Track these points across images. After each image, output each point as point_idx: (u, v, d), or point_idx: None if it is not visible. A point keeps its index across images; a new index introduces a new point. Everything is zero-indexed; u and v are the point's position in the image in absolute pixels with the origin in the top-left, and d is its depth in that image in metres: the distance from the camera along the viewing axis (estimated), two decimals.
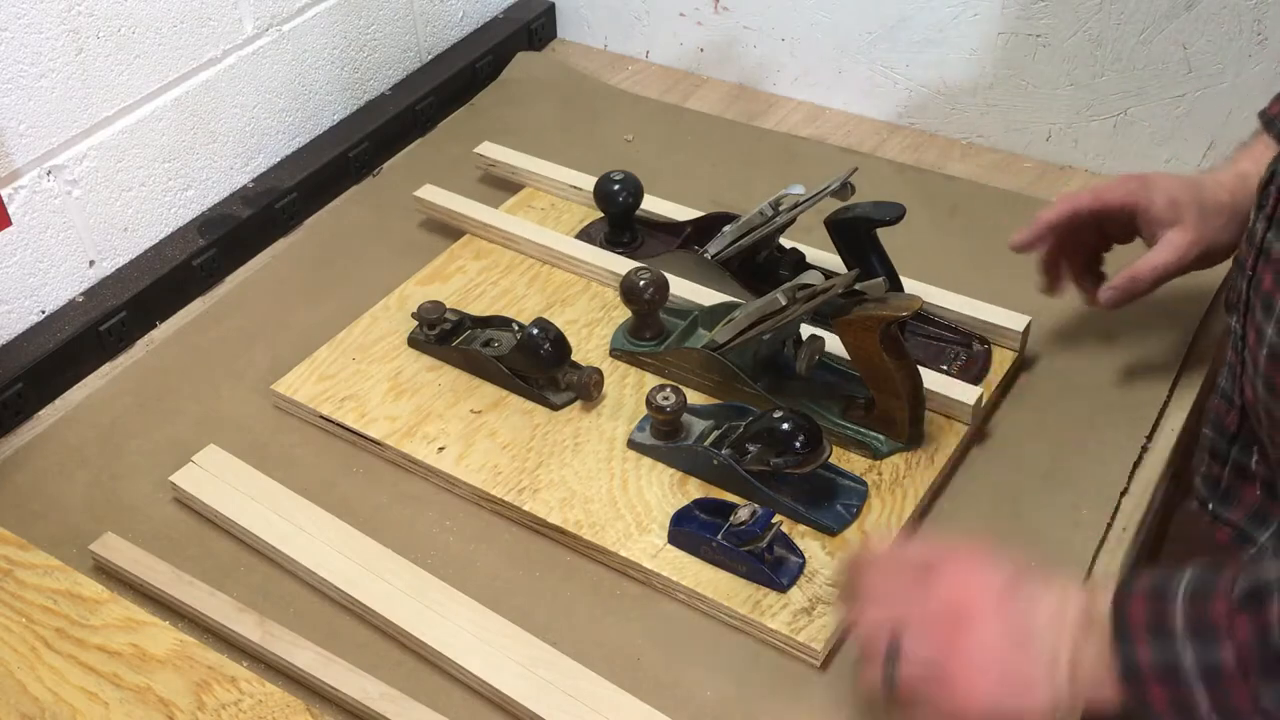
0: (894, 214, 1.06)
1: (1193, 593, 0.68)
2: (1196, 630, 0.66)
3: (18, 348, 1.15)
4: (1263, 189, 0.81)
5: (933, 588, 0.77)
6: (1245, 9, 1.22)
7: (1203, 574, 0.69)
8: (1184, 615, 0.67)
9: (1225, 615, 0.65)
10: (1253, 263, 0.81)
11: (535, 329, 1.08)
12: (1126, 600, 0.70)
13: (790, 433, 0.96)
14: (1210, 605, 0.66)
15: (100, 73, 1.16)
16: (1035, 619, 0.73)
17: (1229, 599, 0.66)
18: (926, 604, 0.76)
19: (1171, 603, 0.68)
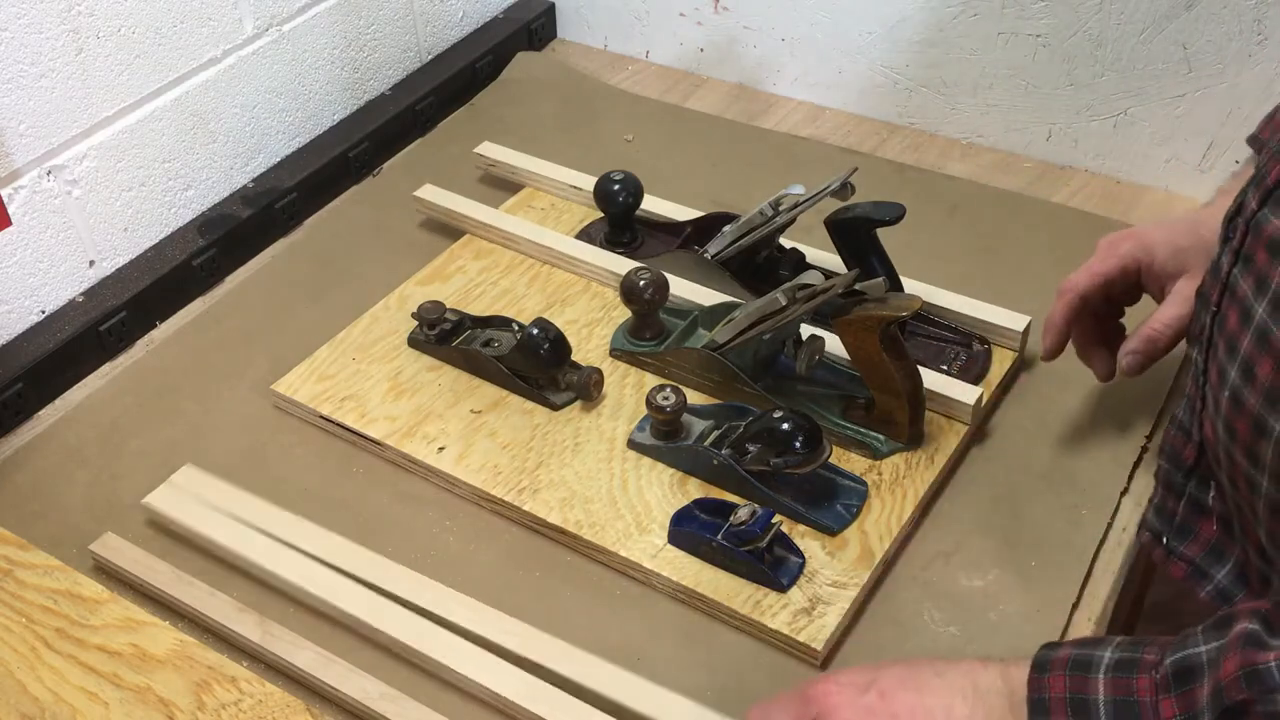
0: (894, 214, 1.06)
1: (1116, 665, 0.66)
2: (1119, 709, 0.65)
3: (18, 348, 1.15)
4: (1229, 221, 0.77)
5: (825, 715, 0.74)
6: (1245, 9, 1.22)
7: (1126, 645, 0.68)
8: (1106, 690, 0.66)
9: (1150, 694, 0.64)
10: (1217, 298, 0.77)
11: (535, 329, 1.08)
12: (1045, 672, 0.69)
13: (790, 433, 0.96)
14: (1134, 682, 0.65)
15: (100, 73, 1.16)
16: (936, 706, 0.71)
17: (1152, 677, 0.65)
18: None
19: (1093, 677, 0.66)
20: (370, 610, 0.92)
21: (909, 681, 0.73)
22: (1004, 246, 1.28)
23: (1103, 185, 1.37)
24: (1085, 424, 1.08)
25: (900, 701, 0.72)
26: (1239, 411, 0.72)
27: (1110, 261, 0.97)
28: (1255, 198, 0.74)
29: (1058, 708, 0.67)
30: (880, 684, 0.73)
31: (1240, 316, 0.73)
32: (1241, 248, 0.74)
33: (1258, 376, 0.70)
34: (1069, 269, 1.23)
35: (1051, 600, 0.93)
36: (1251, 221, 0.73)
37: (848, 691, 0.74)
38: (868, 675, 0.75)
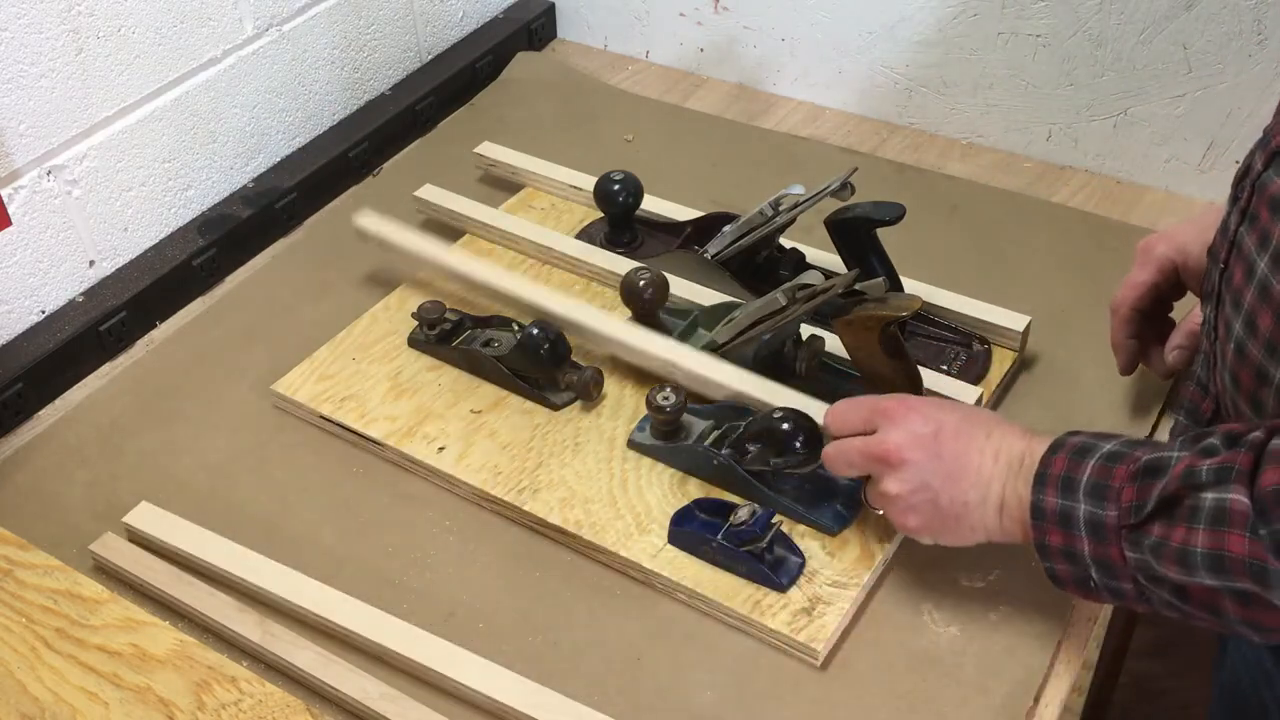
0: (894, 214, 1.06)
1: (1108, 455, 0.78)
2: (1095, 488, 0.77)
3: (18, 348, 1.15)
4: (1237, 182, 0.82)
5: (872, 437, 0.88)
6: (1245, 9, 1.22)
7: (1125, 443, 0.78)
8: (1091, 473, 0.77)
9: (1121, 482, 0.76)
10: (1225, 255, 0.81)
11: (535, 329, 1.08)
12: (1055, 452, 0.80)
13: (790, 433, 0.96)
14: (1114, 470, 0.76)
15: (100, 73, 1.16)
16: (968, 460, 0.84)
17: (1130, 469, 0.76)
18: (866, 452, 0.88)
19: (1087, 461, 0.78)
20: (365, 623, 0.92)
21: (963, 433, 0.86)
22: (1004, 246, 1.28)
23: (1103, 185, 1.37)
24: (1085, 424, 1.07)
25: (948, 447, 0.85)
26: (1243, 362, 0.77)
27: (1149, 269, 1.02)
28: (1261, 159, 0.78)
29: (1052, 483, 0.79)
30: (941, 425, 0.86)
31: (1245, 272, 0.77)
32: (1248, 207, 0.78)
33: (1259, 328, 0.75)
34: (1069, 269, 1.24)
35: (1051, 600, 0.93)
36: (1257, 182, 0.77)
37: (913, 419, 0.87)
38: (935, 415, 0.87)
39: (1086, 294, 1.21)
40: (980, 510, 0.84)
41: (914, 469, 0.86)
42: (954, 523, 0.86)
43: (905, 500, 0.87)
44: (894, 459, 0.86)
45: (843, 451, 0.91)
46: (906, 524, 0.88)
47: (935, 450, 0.85)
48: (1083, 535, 0.77)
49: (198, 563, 0.97)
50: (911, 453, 0.86)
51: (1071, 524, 0.78)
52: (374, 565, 0.99)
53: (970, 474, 0.84)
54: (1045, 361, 1.14)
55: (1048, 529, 0.79)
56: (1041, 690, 0.89)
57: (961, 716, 0.87)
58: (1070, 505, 0.78)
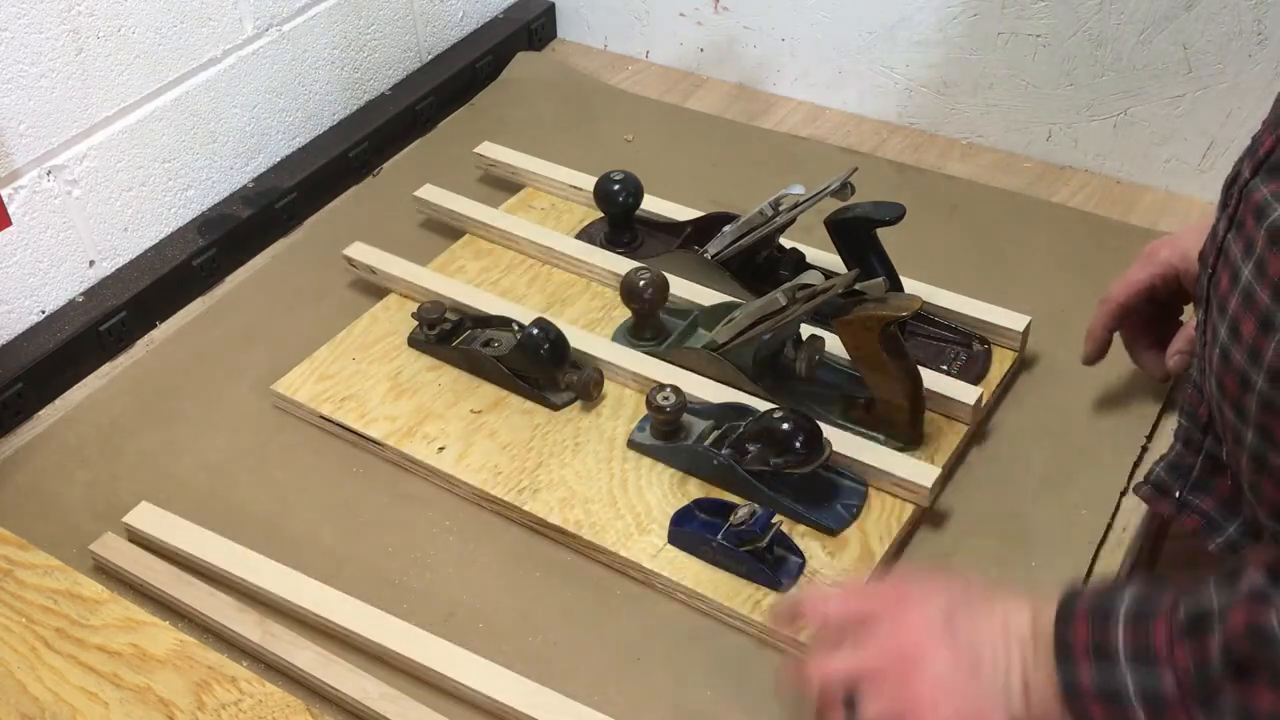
0: (894, 214, 1.06)
1: (1135, 615, 0.69)
2: (1137, 655, 0.67)
3: (18, 348, 1.15)
4: (1227, 188, 0.81)
5: (876, 635, 0.76)
6: (1245, 9, 1.22)
7: (1144, 594, 0.70)
8: (1125, 638, 0.68)
9: (1166, 642, 0.67)
10: (1213, 261, 0.80)
11: (535, 329, 1.08)
12: (1069, 620, 0.71)
13: (790, 433, 0.96)
14: (1152, 629, 0.67)
15: (100, 73, 1.16)
16: (982, 645, 0.73)
17: (1170, 624, 0.67)
18: (872, 654, 0.76)
19: (1114, 625, 0.69)
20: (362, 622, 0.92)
21: (924, 650, 0.74)
22: (1004, 246, 1.28)
23: (1103, 185, 1.37)
24: (1085, 424, 1.08)
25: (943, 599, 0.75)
26: (1227, 367, 0.75)
27: (1147, 269, 1.00)
28: (1249, 166, 0.77)
29: (1081, 655, 0.69)
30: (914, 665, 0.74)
31: (1230, 278, 0.75)
32: (1235, 214, 0.77)
33: (1243, 334, 0.73)
34: (1069, 269, 1.24)
35: (1051, 601, 0.93)
36: (1244, 189, 0.76)
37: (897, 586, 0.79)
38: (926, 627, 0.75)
39: (1086, 294, 1.20)
40: (1003, 701, 0.72)
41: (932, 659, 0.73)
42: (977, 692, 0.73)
43: (921, 703, 0.73)
44: (911, 652, 0.74)
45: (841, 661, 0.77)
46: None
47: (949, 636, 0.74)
48: (1138, 709, 0.66)
49: (198, 562, 0.97)
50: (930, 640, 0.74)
51: (1120, 698, 0.67)
52: (374, 565, 0.99)
53: (987, 659, 0.73)
54: (1045, 361, 1.14)
55: (1090, 709, 0.68)
56: None
57: None
58: (1112, 677, 0.67)
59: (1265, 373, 0.71)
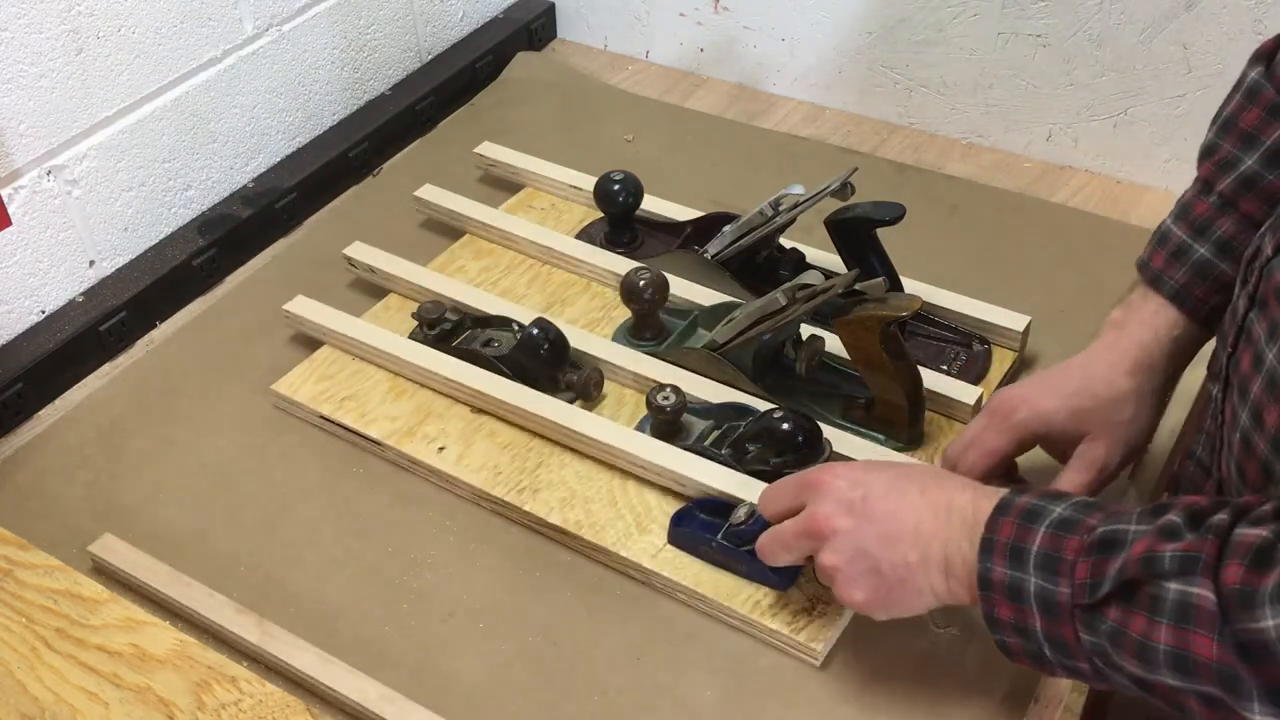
0: (894, 214, 1.06)
1: (1058, 523, 0.71)
2: (1046, 562, 0.71)
3: (18, 348, 1.15)
4: (1246, 264, 0.78)
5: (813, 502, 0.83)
6: (1245, 9, 1.22)
7: (1077, 508, 0.72)
8: (1041, 542, 0.71)
9: (1074, 555, 0.70)
10: (1233, 340, 0.78)
11: (535, 329, 1.08)
12: (1002, 515, 0.74)
13: (790, 433, 0.96)
14: (1066, 541, 0.70)
15: (100, 73, 1.16)
16: (906, 517, 0.78)
17: (1083, 540, 0.70)
18: (798, 529, 0.83)
19: (1037, 528, 0.72)
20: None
21: (893, 491, 0.80)
22: (1004, 246, 1.28)
23: (1103, 185, 1.37)
24: None
25: (879, 508, 0.79)
26: (1249, 455, 0.73)
27: (1005, 436, 0.93)
28: (1271, 243, 0.74)
29: (1000, 550, 0.73)
30: (869, 488, 0.80)
31: (1253, 360, 0.73)
32: (1255, 292, 0.75)
33: (1266, 423, 0.71)
34: (1069, 269, 1.24)
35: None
36: (1266, 267, 0.74)
37: (839, 484, 0.81)
38: (860, 477, 0.81)
39: (1086, 294, 1.21)
40: (924, 570, 0.78)
41: (846, 537, 0.80)
42: (899, 588, 0.79)
43: (844, 571, 0.80)
44: (824, 530, 0.81)
45: (775, 537, 0.86)
46: (853, 598, 0.81)
47: (865, 513, 0.80)
48: (1034, 611, 0.71)
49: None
50: (841, 520, 0.80)
51: (1022, 598, 0.72)
52: (374, 565, 0.99)
53: (908, 533, 0.78)
54: (1045, 361, 1.14)
55: (996, 601, 0.73)
56: (1041, 689, 0.89)
57: (962, 716, 0.87)
58: (1020, 577, 0.72)
59: None
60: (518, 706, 0.89)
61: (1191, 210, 0.90)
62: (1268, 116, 0.86)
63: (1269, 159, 0.86)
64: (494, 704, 0.89)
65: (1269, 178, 0.85)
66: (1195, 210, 0.90)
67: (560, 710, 0.88)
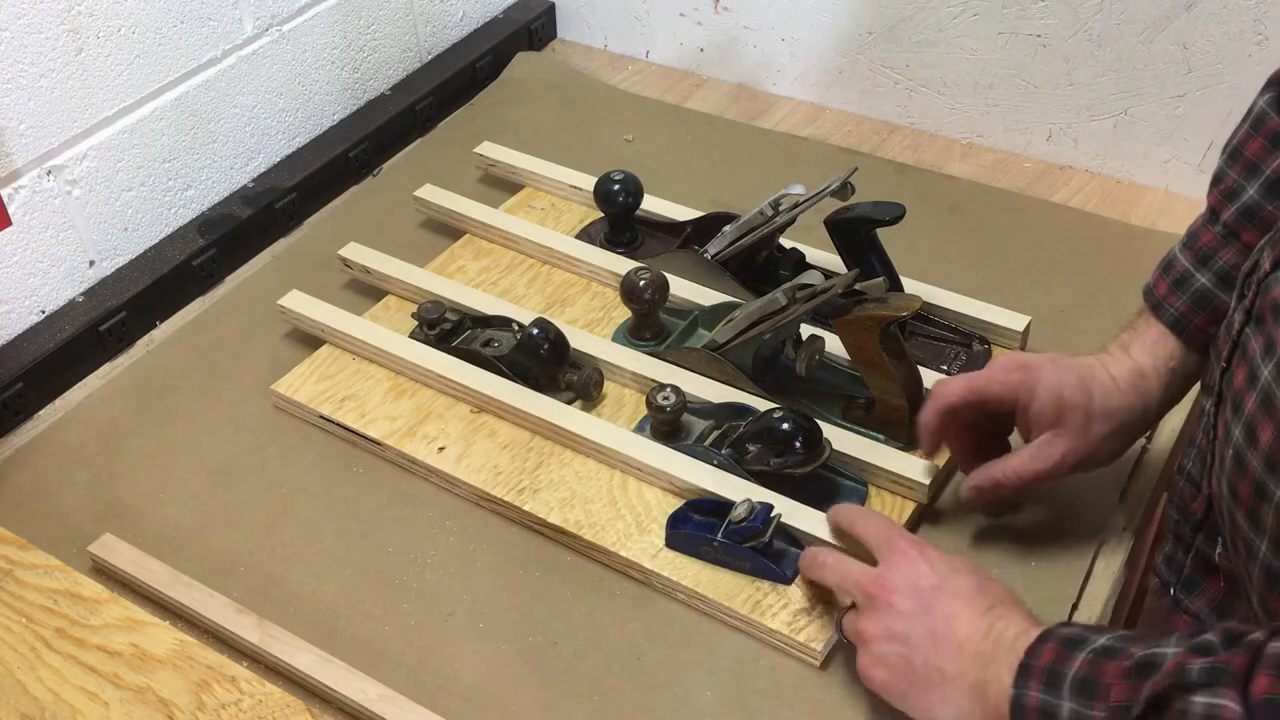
0: (894, 214, 1.06)
1: (1101, 650, 0.70)
2: (1082, 687, 0.69)
3: (18, 348, 1.15)
4: (1244, 278, 0.77)
5: (890, 565, 0.82)
6: (1245, 9, 1.22)
7: (1120, 638, 0.70)
8: (1081, 667, 0.69)
9: (1111, 680, 0.68)
10: (1227, 354, 0.77)
11: (535, 329, 1.08)
12: (1044, 642, 0.72)
13: (790, 433, 0.96)
14: (1106, 666, 0.69)
15: (100, 73, 1.16)
16: (959, 628, 0.77)
17: (1122, 665, 0.68)
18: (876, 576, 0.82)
19: (1077, 654, 0.70)
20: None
21: (963, 597, 0.79)
22: (1004, 246, 1.28)
23: (1103, 185, 1.37)
24: None
25: (944, 607, 0.78)
26: (1242, 473, 0.72)
27: (991, 386, 0.93)
28: (1269, 258, 0.74)
29: (1037, 675, 0.71)
30: (945, 582, 0.79)
31: (1247, 376, 0.72)
32: (1252, 307, 0.74)
33: (1260, 440, 0.70)
34: (1069, 269, 1.24)
35: (1051, 600, 0.93)
36: (1263, 282, 0.73)
37: (922, 567, 0.80)
38: (944, 569, 0.80)
39: (1086, 294, 1.21)
40: (954, 686, 0.76)
41: (899, 617, 0.79)
42: (923, 689, 0.77)
43: (878, 647, 0.80)
44: (883, 598, 0.80)
45: (835, 566, 0.85)
46: (873, 675, 0.80)
47: (928, 605, 0.79)
48: None
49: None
50: (904, 599, 0.79)
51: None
52: (374, 565, 0.99)
53: (955, 644, 0.77)
54: None
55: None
56: None
57: None
58: (1054, 703, 0.69)
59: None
60: (518, 706, 0.89)
61: (1198, 239, 0.89)
62: (1269, 146, 0.85)
63: (1269, 189, 0.85)
64: (494, 704, 0.89)
65: (1268, 208, 0.84)
66: (1201, 239, 0.89)
67: (560, 710, 0.88)
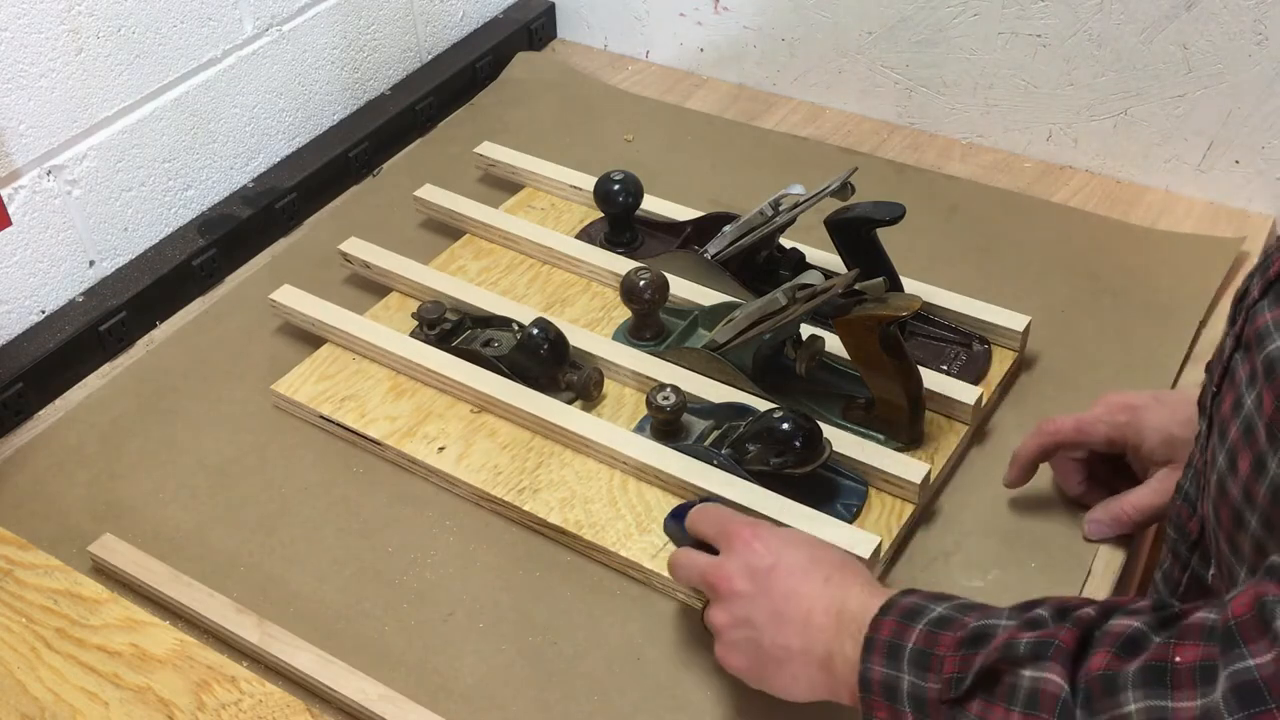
0: (894, 214, 1.06)
1: (936, 621, 0.70)
2: (919, 657, 0.69)
3: (18, 348, 1.15)
4: (1236, 302, 0.77)
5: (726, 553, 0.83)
6: (1245, 9, 1.22)
7: (957, 607, 0.71)
8: (917, 639, 0.70)
9: (945, 651, 0.68)
10: (1218, 378, 0.76)
11: (535, 329, 1.08)
12: (885, 614, 0.73)
13: (790, 433, 0.96)
14: (940, 637, 0.69)
15: (100, 73, 1.16)
16: (800, 604, 0.78)
17: (957, 636, 0.69)
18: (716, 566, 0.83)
19: (915, 626, 0.71)
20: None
21: (799, 571, 0.80)
22: (1004, 246, 1.28)
23: (1103, 185, 1.37)
24: None
25: (781, 585, 0.79)
26: (1223, 498, 0.72)
27: (1098, 429, 0.95)
28: (1258, 286, 0.73)
29: (879, 649, 0.72)
30: (779, 559, 0.80)
31: (1233, 403, 0.72)
32: (1243, 332, 0.74)
33: (1239, 469, 0.70)
34: (1069, 269, 1.24)
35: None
36: (1252, 309, 0.73)
37: (755, 547, 0.81)
38: (777, 546, 0.81)
39: (1086, 294, 1.21)
40: (803, 661, 0.77)
41: (740, 601, 0.80)
42: (775, 668, 0.79)
43: (728, 635, 0.81)
44: (723, 587, 0.81)
45: (684, 563, 0.86)
46: (729, 662, 0.82)
47: (766, 585, 0.79)
48: (907, 710, 0.70)
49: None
50: (741, 583, 0.80)
51: (897, 697, 0.70)
52: (374, 565, 0.99)
53: (798, 619, 0.77)
54: (1045, 361, 1.14)
55: (874, 702, 0.71)
56: None
57: None
58: (895, 675, 0.70)
59: (1258, 515, 0.68)
60: (518, 706, 0.89)
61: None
62: None
63: None
64: (494, 704, 0.89)
65: None
66: None
67: (560, 710, 0.88)
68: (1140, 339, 1.15)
